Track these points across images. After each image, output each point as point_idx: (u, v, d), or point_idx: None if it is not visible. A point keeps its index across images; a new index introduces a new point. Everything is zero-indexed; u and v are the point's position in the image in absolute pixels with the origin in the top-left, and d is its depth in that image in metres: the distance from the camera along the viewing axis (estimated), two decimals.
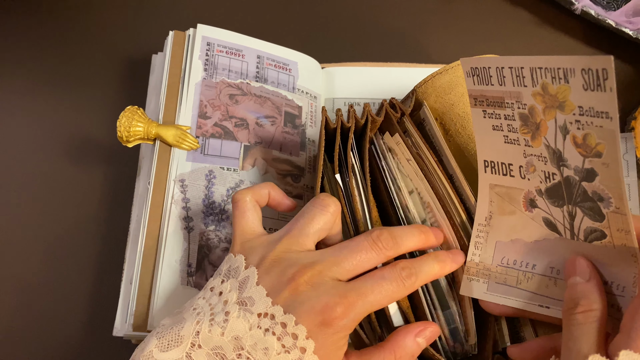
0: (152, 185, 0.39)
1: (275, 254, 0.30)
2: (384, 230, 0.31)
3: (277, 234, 0.32)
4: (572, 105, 0.25)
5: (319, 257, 0.30)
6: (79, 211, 0.45)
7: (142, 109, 0.40)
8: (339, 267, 0.29)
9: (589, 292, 0.27)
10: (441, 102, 0.38)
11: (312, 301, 0.28)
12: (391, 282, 0.29)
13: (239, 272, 0.30)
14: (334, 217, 0.32)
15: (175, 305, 0.37)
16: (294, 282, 0.28)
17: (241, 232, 0.33)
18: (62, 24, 0.52)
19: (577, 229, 0.28)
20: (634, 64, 0.54)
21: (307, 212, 0.31)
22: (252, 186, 0.35)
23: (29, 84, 0.50)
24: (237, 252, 0.31)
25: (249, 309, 0.28)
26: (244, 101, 0.44)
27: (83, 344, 0.41)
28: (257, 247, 0.31)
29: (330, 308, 0.28)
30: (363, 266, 0.30)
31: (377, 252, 0.30)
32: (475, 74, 0.29)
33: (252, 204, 0.33)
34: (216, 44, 0.45)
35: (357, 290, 0.29)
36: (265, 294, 0.28)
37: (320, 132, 0.37)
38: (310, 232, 0.31)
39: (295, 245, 0.30)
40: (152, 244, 0.38)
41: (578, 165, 0.26)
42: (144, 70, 0.49)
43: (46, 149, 0.47)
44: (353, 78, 0.50)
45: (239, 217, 0.33)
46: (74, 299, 0.43)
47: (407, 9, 0.56)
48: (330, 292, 0.28)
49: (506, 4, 0.57)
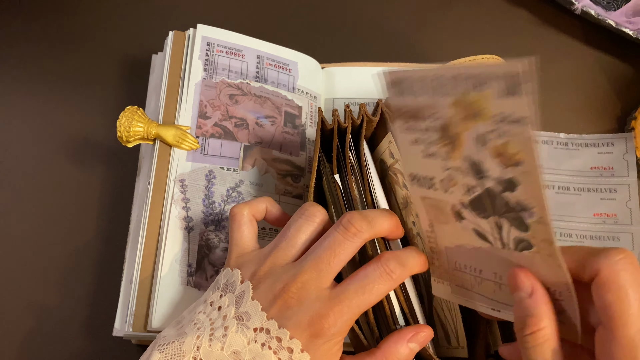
0: (152, 185, 0.39)
1: (264, 268, 0.30)
2: (354, 213, 0.30)
3: (267, 247, 0.32)
4: (489, 113, 0.23)
5: (300, 267, 0.30)
6: (79, 211, 0.45)
7: (142, 109, 0.40)
8: (320, 272, 0.29)
9: (534, 308, 0.25)
10: None
11: (298, 316, 0.28)
12: (376, 278, 0.29)
13: (235, 286, 0.30)
14: (321, 226, 0.32)
15: (175, 305, 0.37)
16: (281, 297, 0.29)
17: (236, 246, 0.33)
18: (62, 24, 0.52)
19: (507, 239, 0.27)
20: (634, 64, 0.54)
21: (293, 223, 0.31)
22: (249, 200, 0.35)
23: (29, 83, 0.50)
24: (232, 266, 0.32)
25: (245, 324, 0.29)
26: (244, 101, 0.44)
27: (83, 344, 0.41)
28: (249, 261, 0.32)
29: (317, 320, 0.28)
30: (343, 258, 0.30)
31: (351, 239, 0.30)
32: (396, 86, 0.28)
33: (248, 219, 0.34)
34: (216, 44, 0.45)
35: (341, 296, 0.29)
36: (260, 308, 0.29)
37: (317, 133, 0.37)
38: (298, 243, 0.31)
39: (282, 258, 0.31)
40: (152, 244, 0.38)
41: (499, 175, 0.25)
42: (144, 70, 0.49)
43: (46, 149, 0.47)
44: (353, 78, 0.50)
45: (235, 231, 0.33)
46: (74, 299, 0.43)
47: (407, 9, 0.56)
48: (315, 304, 0.28)
49: (506, 4, 0.57)
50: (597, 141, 0.50)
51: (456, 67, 0.24)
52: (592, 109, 0.52)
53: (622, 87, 0.53)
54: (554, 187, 0.49)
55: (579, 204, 0.48)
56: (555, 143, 0.50)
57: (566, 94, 0.53)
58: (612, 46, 0.55)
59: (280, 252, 0.31)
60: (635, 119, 0.50)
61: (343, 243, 0.30)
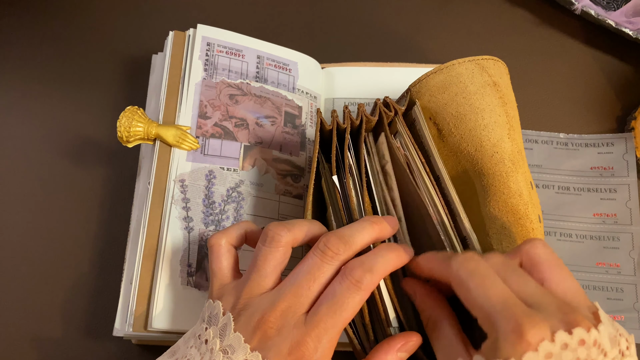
0: (152, 185, 0.39)
1: (242, 300, 0.30)
2: (330, 236, 0.30)
3: (243, 278, 0.32)
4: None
5: (277, 295, 0.29)
6: (79, 211, 0.45)
7: (142, 109, 0.40)
8: (299, 299, 0.29)
9: (418, 306, 0.32)
10: (435, 101, 0.38)
11: (279, 346, 0.28)
12: (344, 292, 0.28)
13: (218, 318, 0.30)
14: (286, 248, 0.31)
15: (175, 305, 0.37)
16: (260, 329, 0.29)
17: (216, 277, 0.33)
18: (62, 24, 0.52)
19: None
20: (634, 64, 0.54)
21: (259, 252, 0.31)
22: (227, 228, 0.34)
23: (29, 83, 0.50)
24: (215, 298, 0.32)
25: (230, 357, 0.28)
26: (244, 101, 0.44)
27: (83, 344, 0.41)
28: (228, 293, 0.31)
29: (297, 348, 0.28)
30: (321, 282, 0.29)
31: (330, 262, 0.29)
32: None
33: (226, 249, 0.34)
34: (216, 44, 0.45)
35: (314, 319, 0.28)
36: (243, 340, 0.29)
37: (316, 134, 0.37)
38: (268, 272, 0.31)
39: (257, 288, 0.30)
40: (152, 244, 0.38)
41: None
42: (144, 70, 0.49)
43: (46, 149, 0.47)
44: (353, 78, 0.50)
45: (215, 262, 0.33)
46: (74, 299, 0.43)
47: (407, 9, 0.56)
48: (294, 332, 0.28)
49: (506, 4, 0.57)
50: (597, 141, 0.50)
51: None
52: (592, 109, 0.52)
53: (622, 87, 0.53)
54: (554, 187, 0.49)
55: (578, 203, 0.48)
56: (555, 143, 0.50)
57: (566, 94, 0.53)
58: (612, 46, 0.55)
59: (253, 283, 0.30)
60: (635, 119, 0.50)
61: (322, 267, 0.29)
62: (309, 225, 0.32)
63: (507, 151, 0.35)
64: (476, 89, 0.37)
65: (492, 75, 0.37)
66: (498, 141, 0.35)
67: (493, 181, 0.35)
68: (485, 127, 0.36)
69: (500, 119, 0.36)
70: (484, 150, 0.35)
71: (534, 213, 0.35)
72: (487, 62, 0.38)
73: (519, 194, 0.34)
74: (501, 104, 0.36)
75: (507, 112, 0.36)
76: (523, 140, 0.39)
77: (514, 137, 0.36)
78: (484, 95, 0.36)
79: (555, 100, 0.53)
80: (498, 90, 0.37)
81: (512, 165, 0.35)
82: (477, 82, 0.37)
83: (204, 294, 0.37)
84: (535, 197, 0.36)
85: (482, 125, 0.36)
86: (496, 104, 0.36)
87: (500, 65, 0.39)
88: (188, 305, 0.37)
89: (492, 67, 0.38)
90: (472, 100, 0.36)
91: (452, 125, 0.37)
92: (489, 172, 0.35)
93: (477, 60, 0.38)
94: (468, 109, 0.36)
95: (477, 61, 0.38)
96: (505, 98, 0.37)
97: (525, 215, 0.34)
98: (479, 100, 0.36)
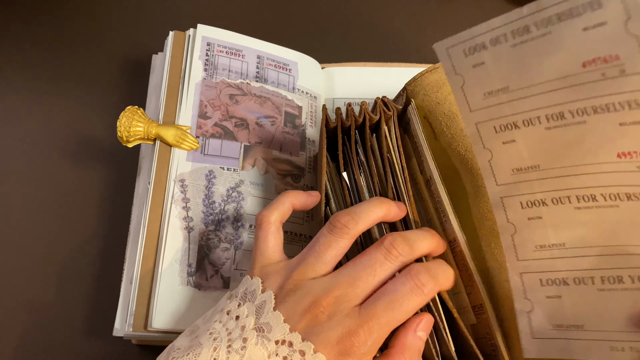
0: (152, 185, 0.39)
1: (292, 282, 0.29)
2: (396, 236, 0.30)
3: (294, 260, 0.31)
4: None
5: (334, 282, 0.29)
6: (79, 211, 0.45)
7: (142, 109, 0.40)
8: (355, 289, 0.28)
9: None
10: (428, 100, 0.37)
11: (328, 332, 0.27)
12: (406, 293, 0.28)
13: (256, 295, 0.29)
14: (351, 240, 0.31)
15: (175, 305, 0.37)
16: (310, 312, 0.28)
17: (262, 256, 0.32)
18: (62, 24, 0.52)
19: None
20: None
21: (323, 238, 0.30)
22: (274, 203, 0.34)
23: (29, 84, 0.50)
24: (255, 275, 0.31)
25: (266, 336, 0.28)
26: (244, 101, 0.44)
27: (83, 344, 0.41)
28: (275, 272, 0.31)
29: (347, 338, 0.27)
30: (380, 279, 0.29)
31: (393, 261, 0.29)
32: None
33: (276, 227, 0.33)
34: (216, 44, 0.45)
35: (370, 312, 0.28)
36: (283, 320, 0.28)
37: (321, 129, 0.37)
38: (327, 259, 0.30)
39: (312, 272, 0.30)
40: (152, 244, 0.38)
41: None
42: (144, 70, 0.49)
43: (46, 149, 0.47)
44: (353, 78, 0.50)
45: (262, 240, 0.32)
46: (74, 299, 0.43)
47: (407, 9, 0.56)
48: (346, 321, 0.28)
49: (506, 4, 0.57)
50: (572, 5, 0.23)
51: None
52: None
53: None
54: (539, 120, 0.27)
55: (587, 139, 0.25)
56: (512, 36, 0.27)
57: None
58: None
59: (309, 266, 0.30)
60: None
61: (384, 264, 0.29)
62: (375, 214, 0.31)
63: None
64: None
65: None
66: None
67: (482, 181, 0.34)
68: None
69: None
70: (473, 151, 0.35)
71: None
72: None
73: None
74: None
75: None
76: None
77: None
78: None
79: None
80: None
81: None
82: None
83: (204, 294, 0.37)
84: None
85: None
86: None
87: None
88: (188, 305, 0.37)
89: None
90: None
91: (444, 124, 0.36)
92: (478, 171, 0.34)
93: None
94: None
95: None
96: None
97: None
98: None
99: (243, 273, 0.39)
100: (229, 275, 0.38)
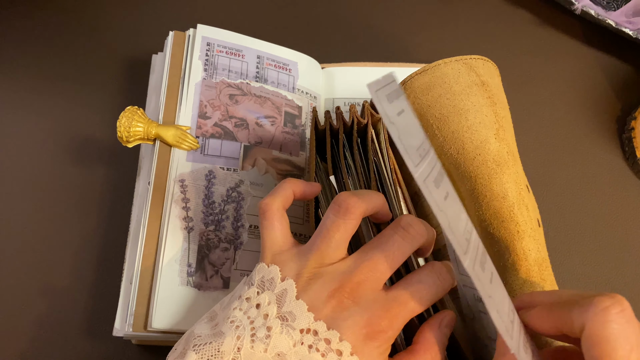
0: (152, 185, 0.39)
1: (310, 269, 0.29)
2: (412, 217, 0.30)
3: (307, 245, 0.31)
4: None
5: (354, 265, 0.29)
6: (79, 211, 0.45)
7: (142, 109, 0.40)
8: (376, 272, 0.28)
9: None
10: (419, 103, 0.37)
11: (355, 317, 0.27)
12: (431, 285, 0.29)
13: (275, 284, 0.29)
14: (358, 220, 0.30)
15: (175, 305, 0.37)
16: (335, 298, 0.28)
17: (271, 244, 0.32)
18: (62, 24, 0.52)
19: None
20: (634, 64, 0.54)
21: (331, 222, 0.30)
22: (276, 190, 0.33)
23: (29, 83, 0.50)
24: (269, 263, 0.30)
25: (290, 325, 0.27)
26: (244, 101, 0.44)
27: (83, 344, 0.41)
28: (290, 260, 0.30)
29: (375, 322, 0.27)
30: (399, 261, 0.29)
31: (411, 242, 0.29)
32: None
33: (280, 213, 0.32)
34: (216, 44, 0.45)
35: (398, 300, 0.28)
36: (307, 308, 0.28)
37: (311, 133, 0.37)
38: (339, 243, 0.30)
39: (327, 258, 0.29)
40: (152, 244, 0.38)
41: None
42: (144, 70, 0.49)
43: (46, 149, 0.47)
44: (353, 78, 0.50)
45: (268, 228, 0.32)
46: (74, 299, 0.43)
47: (407, 9, 0.56)
48: (373, 306, 0.28)
49: (506, 4, 0.57)
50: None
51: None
52: (592, 109, 0.52)
53: (622, 87, 0.53)
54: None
55: None
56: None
57: (566, 94, 0.53)
58: (612, 46, 0.55)
59: (323, 253, 0.30)
60: (635, 119, 0.50)
61: (403, 246, 0.29)
62: (377, 197, 0.32)
63: (492, 152, 0.34)
64: (461, 89, 0.35)
65: (480, 75, 0.36)
66: (482, 142, 0.34)
67: (476, 184, 0.34)
68: (468, 129, 0.35)
69: (487, 118, 0.35)
70: (466, 153, 0.35)
71: (522, 215, 0.33)
72: (475, 61, 0.37)
73: (502, 196, 0.33)
74: (489, 103, 0.35)
75: (496, 112, 0.35)
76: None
77: (503, 137, 0.35)
78: (469, 95, 0.35)
79: (555, 100, 0.53)
80: (486, 90, 0.36)
81: (496, 167, 0.34)
82: (463, 82, 0.36)
83: (204, 294, 0.37)
84: (529, 200, 0.35)
85: (465, 127, 0.35)
86: (483, 104, 0.35)
87: (490, 65, 0.38)
88: (188, 305, 0.37)
89: (481, 67, 0.37)
90: (456, 101, 0.35)
91: (436, 127, 0.36)
92: (471, 175, 0.34)
93: (465, 59, 0.36)
94: (452, 110, 0.35)
95: (464, 60, 0.36)
96: (495, 98, 0.36)
97: (510, 218, 0.33)
98: (464, 100, 0.35)
99: (243, 273, 0.39)
100: (228, 275, 0.38)
